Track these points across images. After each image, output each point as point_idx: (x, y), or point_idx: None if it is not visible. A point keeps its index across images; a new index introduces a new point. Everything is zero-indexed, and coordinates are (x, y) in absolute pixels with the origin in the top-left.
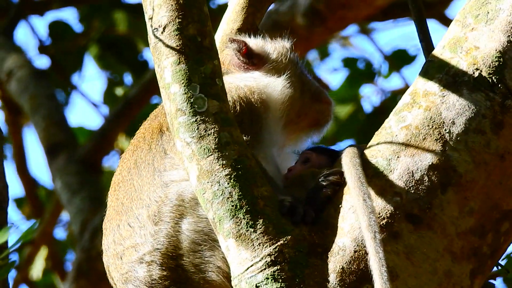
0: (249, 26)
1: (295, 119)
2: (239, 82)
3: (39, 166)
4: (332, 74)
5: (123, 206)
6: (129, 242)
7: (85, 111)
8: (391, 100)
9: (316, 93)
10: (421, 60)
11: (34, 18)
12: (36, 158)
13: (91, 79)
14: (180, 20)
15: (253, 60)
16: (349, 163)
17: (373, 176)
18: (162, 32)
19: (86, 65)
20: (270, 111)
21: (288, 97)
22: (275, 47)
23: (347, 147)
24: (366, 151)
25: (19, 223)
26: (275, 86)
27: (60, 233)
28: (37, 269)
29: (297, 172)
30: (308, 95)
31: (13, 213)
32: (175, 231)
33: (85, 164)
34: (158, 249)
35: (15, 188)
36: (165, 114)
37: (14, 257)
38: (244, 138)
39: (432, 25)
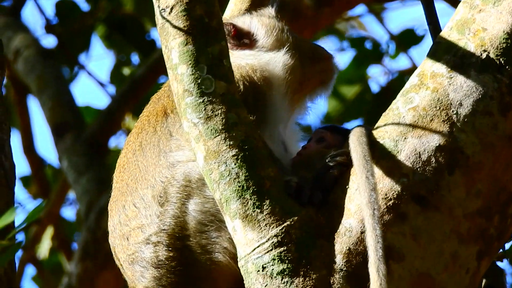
0: (257, 6)
1: (299, 88)
2: (240, 60)
3: (46, 146)
4: (339, 54)
5: (128, 187)
6: (135, 223)
7: (92, 91)
8: (398, 81)
9: (315, 54)
10: (428, 41)
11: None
12: (43, 137)
13: (98, 58)
14: (187, 0)
15: (243, 40)
16: (355, 141)
17: (380, 157)
18: (169, 13)
19: (93, 44)
20: (273, 88)
21: (290, 71)
22: (262, 21)
23: (355, 127)
24: (374, 132)
25: (25, 202)
26: (276, 62)
27: (67, 212)
28: (43, 249)
29: (312, 150)
30: (308, 61)
31: (20, 192)
32: (182, 212)
33: (92, 144)
34: (164, 230)
35: (22, 167)
36: (168, 96)
37: (21, 236)
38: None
39: (440, 6)
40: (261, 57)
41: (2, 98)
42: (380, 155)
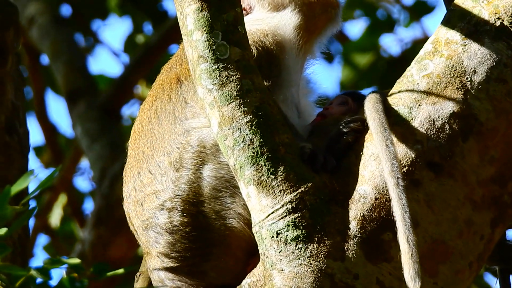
0: None
1: (309, 37)
2: (250, 26)
3: (59, 113)
4: (352, 24)
5: (144, 154)
6: (150, 189)
7: (105, 59)
8: (411, 50)
9: None
10: (442, 9)
11: None
12: (56, 105)
13: (112, 27)
14: None
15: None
16: (371, 109)
17: (395, 124)
18: None
19: (107, 13)
20: (286, 51)
21: (300, 29)
22: None
23: (370, 93)
24: (388, 99)
25: (38, 171)
26: (285, 24)
27: (79, 181)
28: (55, 217)
29: (334, 112)
30: (309, 6)
31: (32, 162)
32: (196, 177)
33: (106, 110)
34: (179, 195)
35: (34, 135)
36: (181, 64)
37: (33, 204)
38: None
39: None
40: (270, 21)
41: (18, 65)
42: (394, 122)
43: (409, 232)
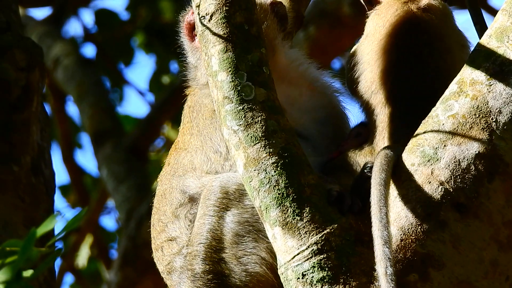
0: (294, 13)
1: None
2: None
3: (85, 154)
4: None
5: (162, 219)
6: (165, 237)
7: (131, 99)
8: None
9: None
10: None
11: (81, 9)
12: (82, 146)
13: (138, 67)
14: (227, 8)
15: None
16: (375, 175)
17: (420, 165)
18: (209, 20)
19: (132, 53)
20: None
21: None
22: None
23: (382, 149)
24: (413, 140)
25: (64, 211)
26: None
27: (105, 221)
28: (82, 257)
29: (351, 147)
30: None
31: (58, 201)
32: (219, 224)
33: (132, 152)
34: (201, 243)
35: (60, 175)
36: (181, 132)
37: (60, 245)
38: None
39: None
40: None
41: (43, 106)
42: (420, 163)
43: None
